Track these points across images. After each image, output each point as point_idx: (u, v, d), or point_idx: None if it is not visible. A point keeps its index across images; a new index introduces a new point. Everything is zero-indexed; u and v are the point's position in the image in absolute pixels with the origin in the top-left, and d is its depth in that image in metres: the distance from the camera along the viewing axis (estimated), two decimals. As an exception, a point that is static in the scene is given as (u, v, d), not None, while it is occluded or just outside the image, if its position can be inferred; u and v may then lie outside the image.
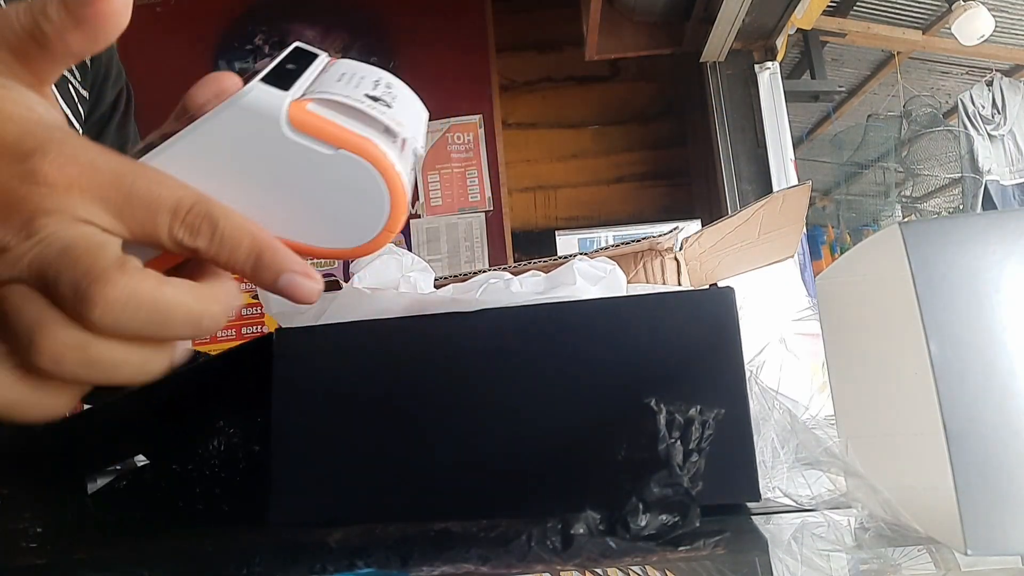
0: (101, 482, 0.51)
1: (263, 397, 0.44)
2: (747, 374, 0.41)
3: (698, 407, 0.35)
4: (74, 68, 0.59)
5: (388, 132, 0.31)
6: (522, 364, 0.41)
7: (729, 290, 0.41)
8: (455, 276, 0.51)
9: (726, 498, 0.33)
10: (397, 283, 0.47)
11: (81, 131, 0.58)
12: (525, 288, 0.43)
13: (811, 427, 0.41)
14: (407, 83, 0.34)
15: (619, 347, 0.40)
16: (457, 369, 0.41)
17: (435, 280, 0.52)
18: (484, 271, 0.49)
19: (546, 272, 0.46)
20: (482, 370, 0.41)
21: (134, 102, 0.69)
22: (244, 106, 0.30)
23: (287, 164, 0.30)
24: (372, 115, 0.31)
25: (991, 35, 3.22)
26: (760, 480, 0.40)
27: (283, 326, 0.47)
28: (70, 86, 0.58)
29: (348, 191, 0.31)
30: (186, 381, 0.52)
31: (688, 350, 0.39)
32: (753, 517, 0.40)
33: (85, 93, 0.61)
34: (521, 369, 0.41)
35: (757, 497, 0.37)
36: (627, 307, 0.42)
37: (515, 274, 0.46)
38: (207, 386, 0.51)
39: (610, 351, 0.40)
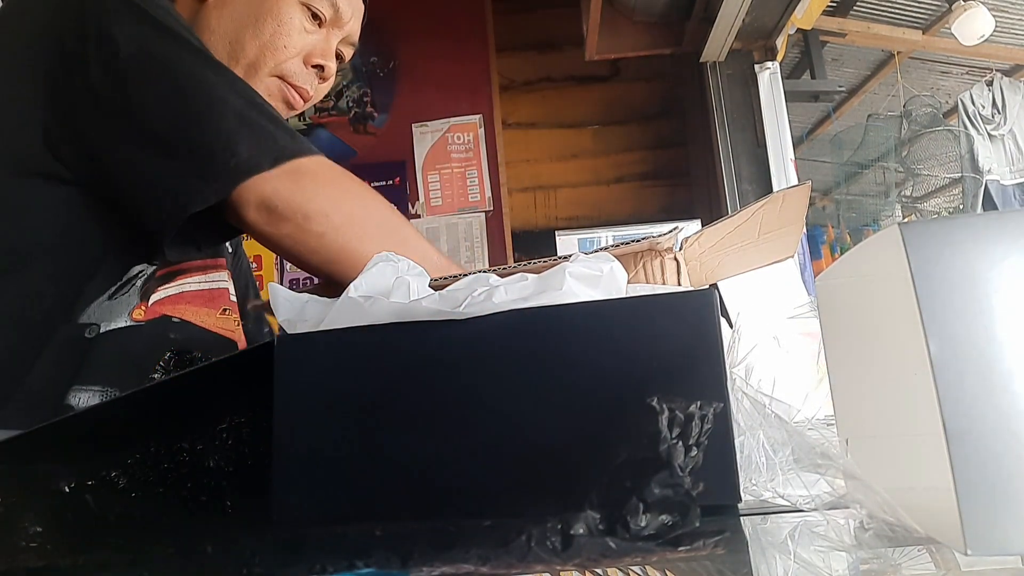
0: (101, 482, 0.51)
1: (264, 400, 0.44)
2: (741, 374, 0.41)
3: (698, 403, 0.35)
4: None
5: None
6: (509, 367, 0.41)
7: (709, 291, 0.41)
8: (455, 277, 0.51)
9: (705, 499, 0.33)
10: (390, 291, 0.47)
11: None
12: (510, 296, 0.43)
13: (807, 428, 0.41)
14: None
15: (601, 349, 0.40)
16: (449, 372, 0.42)
17: (432, 281, 0.52)
18: (472, 273, 0.49)
19: (539, 273, 0.46)
20: (472, 372, 0.42)
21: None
22: None
23: None
24: None
25: (991, 35, 3.22)
26: (756, 482, 0.40)
27: (287, 331, 0.47)
28: None
29: None
30: (188, 383, 0.52)
31: (670, 351, 0.39)
32: (751, 517, 0.40)
33: None
34: (508, 371, 0.41)
35: (737, 498, 0.37)
36: (609, 310, 0.42)
37: (502, 276, 0.46)
38: (209, 389, 0.52)
39: (592, 354, 0.40)
